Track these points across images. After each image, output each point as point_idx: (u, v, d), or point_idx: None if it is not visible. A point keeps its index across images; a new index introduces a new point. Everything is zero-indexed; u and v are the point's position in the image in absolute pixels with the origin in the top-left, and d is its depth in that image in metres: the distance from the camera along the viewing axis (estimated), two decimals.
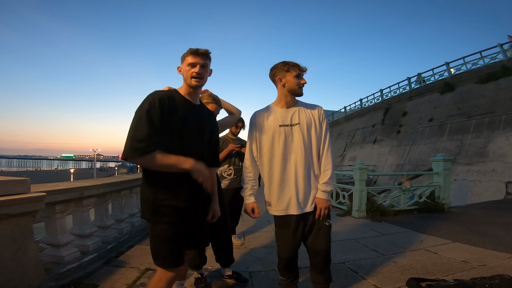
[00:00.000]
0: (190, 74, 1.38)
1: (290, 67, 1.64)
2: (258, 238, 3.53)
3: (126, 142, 1.20)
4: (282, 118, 1.67)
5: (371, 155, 17.76)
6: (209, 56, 1.43)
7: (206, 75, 1.44)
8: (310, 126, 1.67)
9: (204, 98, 2.02)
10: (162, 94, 1.32)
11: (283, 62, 1.66)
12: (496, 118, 10.77)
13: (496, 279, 1.95)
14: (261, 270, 2.48)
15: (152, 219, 1.30)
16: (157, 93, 1.32)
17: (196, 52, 1.38)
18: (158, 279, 1.33)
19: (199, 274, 2.17)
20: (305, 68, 1.67)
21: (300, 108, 1.70)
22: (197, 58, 1.39)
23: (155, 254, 1.32)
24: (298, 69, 1.64)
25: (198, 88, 1.45)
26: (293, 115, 1.68)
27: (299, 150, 1.64)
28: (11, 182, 1.62)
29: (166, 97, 1.30)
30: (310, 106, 1.74)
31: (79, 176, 39.38)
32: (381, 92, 20.74)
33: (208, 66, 1.43)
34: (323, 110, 1.73)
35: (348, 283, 2.20)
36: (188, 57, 1.39)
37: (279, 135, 1.66)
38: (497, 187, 9.06)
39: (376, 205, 4.91)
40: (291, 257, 1.73)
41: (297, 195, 1.64)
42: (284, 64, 1.65)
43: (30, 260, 1.67)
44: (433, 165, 5.71)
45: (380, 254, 2.87)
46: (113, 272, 2.34)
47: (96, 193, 2.73)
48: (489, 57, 12.78)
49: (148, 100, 1.27)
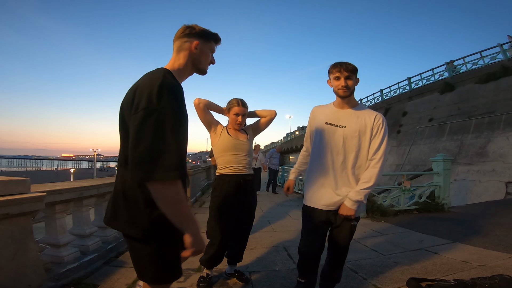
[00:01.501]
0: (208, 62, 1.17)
1: (331, 68, 1.64)
2: (258, 238, 3.54)
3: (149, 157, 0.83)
4: (331, 117, 1.68)
5: None
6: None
7: None
8: (357, 131, 1.60)
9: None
10: (180, 87, 1.00)
11: (332, 64, 1.65)
12: (496, 118, 10.77)
13: (496, 279, 1.95)
14: (261, 270, 2.48)
15: (161, 233, 0.97)
16: (176, 85, 0.97)
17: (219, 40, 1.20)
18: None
19: (205, 273, 2.17)
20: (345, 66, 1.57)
21: (354, 112, 1.65)
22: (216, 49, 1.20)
23: (169, 272, 1.02)
24: (336, 70, 1.60)
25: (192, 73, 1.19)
26: (342, 116, 1.65)
27: (340, 151, 1.63)
28: (11, 182, 1.62)
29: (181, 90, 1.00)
30: (368, 112, 1.64)
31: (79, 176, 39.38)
32: (381, 92, 20.75)
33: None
34: (381, 119, 1.61)
35: (348, 283, 2.19)
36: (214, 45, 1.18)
37: (323, 132, 1.68)
38: (497, 187, 9.06)
39: (376, 205, 4.91)
40: (311, 253, 1.72)
41: (329, 193, 1.64)
42: (331, 66, 1.65)
43: (30, 260, 1.67)
44: (433, 165, 5.72)
45: (380, 254, 2.87)
46: (113, 272, 2.34)
47: (96, 193, 2.73)
48: (489, 57, 12.79)
49: (175, 98, 0.92)
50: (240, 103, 2.10)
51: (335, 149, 1.63)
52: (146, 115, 0.85)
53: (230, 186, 2.06)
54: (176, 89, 0.94)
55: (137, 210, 0.96)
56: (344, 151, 1.62)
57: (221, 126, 2.19)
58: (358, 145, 1.61)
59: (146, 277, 1.04)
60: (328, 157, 1.65)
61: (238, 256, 2.25)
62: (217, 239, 2.07)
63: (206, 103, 2.12)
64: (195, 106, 2.12)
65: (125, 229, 0.99)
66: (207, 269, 2.17)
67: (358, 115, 1.63)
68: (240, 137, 2.13)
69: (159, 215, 0.92)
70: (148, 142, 0.83)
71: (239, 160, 2.08)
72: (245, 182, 2.11)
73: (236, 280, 2.23)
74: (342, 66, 1.58)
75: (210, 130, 2.18)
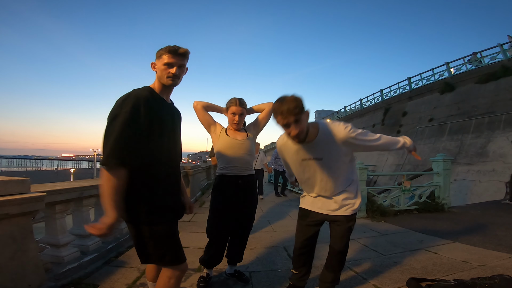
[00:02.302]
0: (166, 74, 1.31)
1: (274, 114, 1.47)
2: (258, 238, 3.53)
3: (107, 148, 1.13)
4: (303, 152, 1.61)
5: (371, 155, 17.73)
6: (188, 56, 1.36)
7: (182, 74, 1.37)
8: (335, 156, 1.59)
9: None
10: (145, 96, 1.24)
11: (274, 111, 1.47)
12: (496, 118, 10.77)
13: (496, 279, 1.95)
14: (261, 270, 2.48)
15: (150, 220, 1.23)
16: (138, 95, 1.23)
17: (175, 52, 1.29)
18: (167, 279, 1.29)
19: (205, 273, 2.17)
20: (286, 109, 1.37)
21: (321, 139, 1.54)
22: (175, 58, 1.30)
23: (159, 255, 1.27)
24: (282, 118, 1.40)
25: (172, 87, 1.39)
26: (314, 148, 1.57)
27: (326, 178, 1.66)
28: (11, 182, 1.62)
29: (149, 100, 1.25)
30: (331, 130, 1.54)
31: (79, 176, 39.38)
32: (381, 92, 20.74)
33: (185, 65, 1.37)
34: (344, 129, 1.52)
35: (348, 283, 2.19)
36: (165, 56, 1.30)
37: (303, 167, 1.70)
38: (497, 187, 9.05)
39: (376, 205, 4.91)
40: (302, 247, 1.84)
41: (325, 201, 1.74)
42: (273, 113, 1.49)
43: (30, 260, 1.67)
44: (433, 165, 5.72)
45: (380, 254, 2.87)
46: (113, 272, 2.34)
47: (96, 193, 2.73)
48: (489, 57, 12.79)
49: (132, 105, 1.18)
50: (237, 102, 2.08)
51: (320, 178, 1.66)
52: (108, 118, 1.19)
53: (229, 186, 2.06)
54: (133, 100, 1.20)
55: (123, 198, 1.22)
56: (331, 176, 1.65)
57: (220, 126, 2.19)
58: (342, 164, 1.65)
59: (139, 256, 1.31)
60: (316, 185, 1.71)
61: (238, 256, 2.24)
62: (216, 239, 2.08)
63: (204, 105, 2.15)
64: (194, 108, 2.15)
65: (122, 215, 1.22)
66: (206, 269, 2.17)
67: (327, 141, 1.54)
68: (238, 136, 2.11)
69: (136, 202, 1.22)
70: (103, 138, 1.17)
71: (238, 160, 2.08)
72: (244, 182, 2.10)
73: (236, 280, 2.23)
74: (283, 111, 1.37)
75: (210, 131, 2.18)
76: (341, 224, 1.72)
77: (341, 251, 1.77)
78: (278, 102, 1.42)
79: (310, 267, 1.91)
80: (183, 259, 1.33)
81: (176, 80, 1.34)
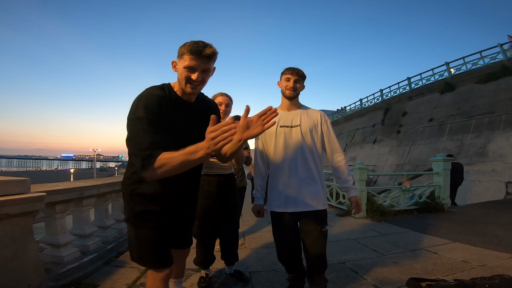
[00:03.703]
0: (186, 79, 1.13)
1: (284, 70, 1.78)
2: (258, 238, 3.54)
3: (134, 158, 1.06)
4: (283, 120, 1.75)
5: (371, 155, 17.75)
6: (215, 57, 1.15)
7: (207, 78, 1.19)
8: (311, 128, 1.73)
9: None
10: (156, 94, 1.14)
11: (286, 68, 1.78)
12: (496, 118, 10.76)
13: (496, 279, 1.95)
14: (261, 270, 2.48)
15: (135, 223, 1.23)
16: (151, 94, 1.14)
17: (199, 53, 1.09)
18: (152, 280, 1.31)
19: (204, 273, 2.18)
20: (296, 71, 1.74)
21: (302, 111, 1.78)
22: (199, 60, 1.10)
23: (140, 257, 1.28)
24: (289, 73, 1.74)
25: (193, 94, 1.22)
26: (294, 117, 1.76)
27: (299, 149, 1.70)
28: (11, 182, 1.62)
29: (161, 98, 1.14)
30: (314, 111, 1.82)
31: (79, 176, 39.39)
32: (381, 92, 20.73)
33: (210, 69, 1.17)
34: (325, 116, 1.82)
35: (348, 283, 2.20)
36: (187, 56, 1.10)
37: (279, 135, 1.73)
38: (497, 187, 9.06)
39: (376, 205, 4.91)
40: (288, 254, 1.79)
41: (293, 193, 1.67)
42: (285, 69, 1.79)
43: (30, 260, 1.67)
44: (433, 165, 5.72)
45: (380, 254, 2.87)
46: (113, 272, 2.34)
47: (96, 193, 2.73)
48: (489, 57, 12.78)
49: (144, 102, 1.09)
50: (223, 93, 2.19)
51: (295, 148, 1.70)
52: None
53: (211, 186, 2.08)
54: (145, 98, 1.11)
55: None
56: (303, 148, 1.70)
57: None
58: (313, 141, 1.72)
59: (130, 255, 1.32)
60: (289, 157, 1.71)
61: (233, 256, 2.25)
62: (201, 238, 2.11)
63: None
64: None
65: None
66: (202, 269, 2.20)
67: (307, 114, 1.78)
68: None
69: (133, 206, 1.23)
70: None
71: (214, 162, 2.08)
72: (226, 181, 2.14)
73: (236, 280, 2.23)
74: (295, 70, 1.73)
75: None
76: (314, 224, 1.67)
77: (319, 256, 1.71)
78: (290, 67, 1.75)
79: (303, 268, 1.88)
80: (164, 265, 1.28)
81: (199, 87, 1.17)
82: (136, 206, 1.23)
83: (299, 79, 1.74)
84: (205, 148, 0.94)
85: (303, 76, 1.76)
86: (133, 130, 1.08)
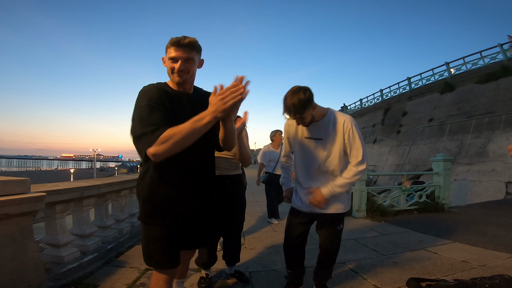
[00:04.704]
0: (171, 69, 1.21)
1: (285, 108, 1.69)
2: (258, 238, 3.54)
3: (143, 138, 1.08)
4: (307, 131, 1.75)
5: (371, 155, 17.76)
6: (195, 46, 1.21)
7: (192, 68, 1.23)
8: (334, 140, 1.69)
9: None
10: (156, 86, 1.22)
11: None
12: (496, 118, 10.77)
13: (496, 279, 1.95)
14: (261, 270, 2.48)
15: (145, 220, 1.26)
16: (151, 87, 1.21)
17: (178, 43, 1.17)
18: (156, 280, 1.31)
19: (205, 274, 2.18)
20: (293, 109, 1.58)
21: (325, 122, 1.70)
22: (179, 51, 1.18)
23: (147, 255, 1.28)
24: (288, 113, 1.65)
25: (183, 84, 1.26)
26: (317, 129, 1.72)
27: (322, 162, 1.72)
28: (11, 182, 1.62)
29: (160, 90, 1.20)
30: (338, 118, 1.69)
31: (79, 176, 39.37)
32: (381, 92, 20.74)
33: (193, 58, 1.22)
34: (350, 122, 1.67)
35: (348, 283, 2.19)
36: (170, 49, 1.19)
37: (303, 146, 1.78)
38: (497, 187, 9.06)
39: (376, 205, 4.91)
40: (294, 246, 1.86)
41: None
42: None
43: (30, 260, 1.67)
44: (433, 165, 5.72)
45: (380, 254, 2.87)
46: (113, 272, 2.34)
47: (96, 193, 2.73)
48: (489, 57, 12.79)
49: (146, 94, 1.17)
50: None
51: (319, 159, 1.73)
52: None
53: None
54: (145, 91, 1.18)
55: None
56: (326, 160, 1.71)
57: None
58: (337, 151, 1.70)
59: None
60: (311, 167, 1.76)
61: (234, 257, 2.26)
62: None
63: None
64: None
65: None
66: (203, 270, 2.19)
67: (332, 123, 1.70)
68: None
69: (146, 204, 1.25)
70: None
71: (221, 162, 2.10)
72: (231, 182, 2.16)
73: (236, 280, 2.23)
74: (291, 112, 1.59)
75: None
76: (329, 223, 1.78)
77: (331, 251, 1.85)
78: (288, 96, 1.58)
79: (303, 267, 1.96)
80: (171, 265, 1.28)
81: (184, 75, 1.22)
82: (149, 204, 1.26)
83: (300, 116, 1.60)
84: (211, 113, 1.02)
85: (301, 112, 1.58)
86: (139, 115, 1.12)
